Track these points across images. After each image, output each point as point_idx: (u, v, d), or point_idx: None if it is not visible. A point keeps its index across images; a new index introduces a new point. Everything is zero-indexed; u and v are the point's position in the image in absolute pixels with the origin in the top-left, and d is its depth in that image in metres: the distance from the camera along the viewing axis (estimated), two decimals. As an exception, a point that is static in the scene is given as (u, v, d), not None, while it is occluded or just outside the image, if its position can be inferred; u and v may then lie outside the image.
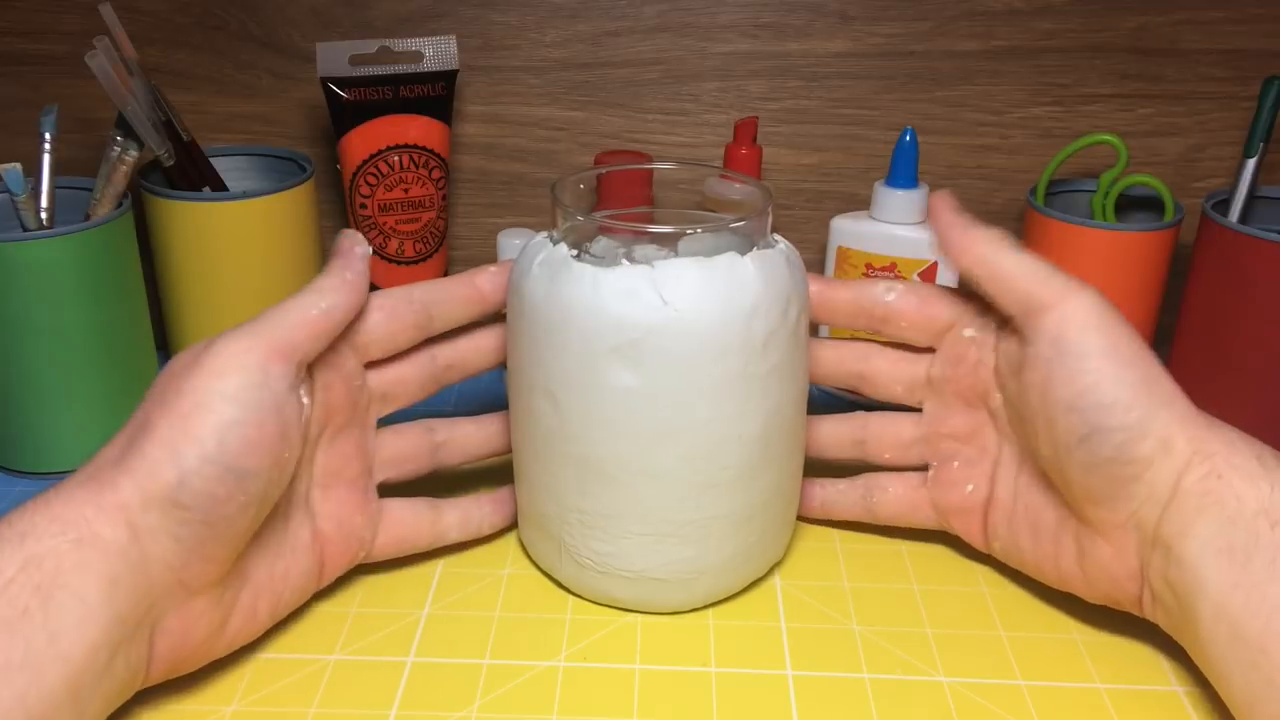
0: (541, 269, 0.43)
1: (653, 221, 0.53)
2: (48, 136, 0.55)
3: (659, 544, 0.45)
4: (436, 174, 0.63)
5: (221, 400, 0.38)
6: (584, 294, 0.41)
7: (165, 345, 0.63)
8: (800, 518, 0.51)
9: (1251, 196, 0.60)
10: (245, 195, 0.58)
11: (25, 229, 0.55)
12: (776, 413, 0.44)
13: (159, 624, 0.38)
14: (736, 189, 0.59)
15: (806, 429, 0.50)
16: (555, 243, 0.44)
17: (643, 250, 0.44)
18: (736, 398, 0.42)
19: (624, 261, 0.42)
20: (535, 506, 0.47)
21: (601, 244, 0.44)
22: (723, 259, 0.42)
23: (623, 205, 0.56)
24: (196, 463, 0.37)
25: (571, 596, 0.48)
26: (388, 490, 0.48)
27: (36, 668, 0.33)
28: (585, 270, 0.42)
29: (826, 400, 0.66)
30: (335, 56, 0.60)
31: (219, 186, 0.62)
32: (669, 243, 0.44)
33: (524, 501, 0.48)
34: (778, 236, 0.46)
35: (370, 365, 0.46)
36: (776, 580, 0.49)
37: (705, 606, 0.47)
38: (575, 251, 0.43)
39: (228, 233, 0.58)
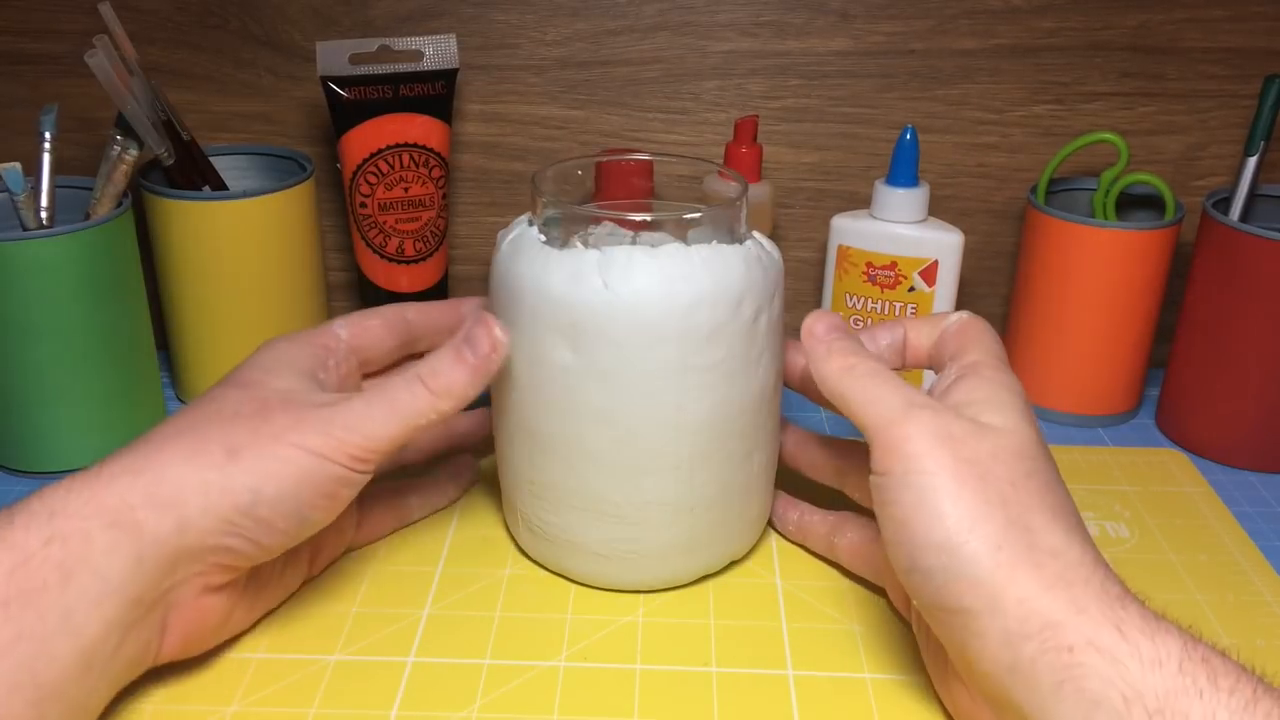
0: (509, 247, 0.45)
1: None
2: (47, 136, 0.55)
3: (598, 520, 0.45)
4: (437, 173, 0.63)
5: (312, 460, 0.40)
6: (534, 273, 0.43)
7: (165, 345, 0.63)
8: (780, 532, 0.52)
9: (1252, 195, 0.60)
10: (245, 194, 0.58)
11: (25, 228, 0.55)
12: (722, 408, 0.44)
13: (173, 609, 0.40)
14: (732, 186, 0.59)
15: (796, 444, 0.51)
16: (530, 225, 0.45)
17: (646, 237, 0.44)
18: (674, 388, 0.43)
19: (578, 245, 0.43)
20: (502, 475, 0.49)
21: (597, 232, 0.45)
22: (670, 248, 0.43)
23: (621, 198, 0.56)
24: (274, 498, 0.39)
25: (571, 597, 0.48)
26: None
27: (46, 640, 0.35)
28: (539, 251, 0.43)
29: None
30: (335, 55, 0.60)
31: (219, 186, 0.62)
32: (678, 231, 0.44)
33: (499, 470, 0.50)
34: (757, 234, 0.46)
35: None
36: (777, 580, 0.49)
37: (653, 590, 0.48)
38: (541, 234, 0.44)
39: (228, 232, 0.58)
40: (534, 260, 0.43)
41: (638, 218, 0.44)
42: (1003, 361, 0.42)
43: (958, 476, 0.36)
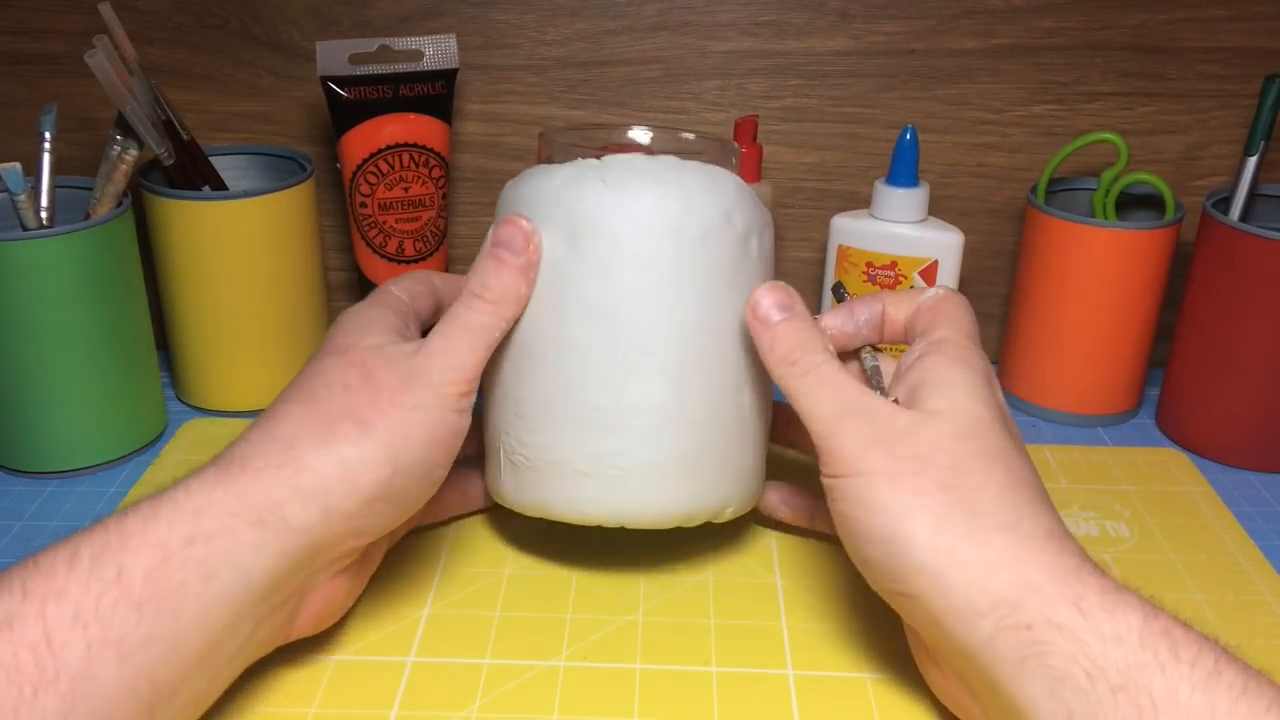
0: (512, 182, 0.47)
1: None
2: (47, 136, 0.55)
3: (582, 431, 0.45)
4: (436, 172, 0.63)
5: (432, 413, 0.41)
6: (535, 185, 0.45)
7: (165, 345, 0.63)
8: (763, 517, 0.52)
9: (1252, 195, 0.60)
10: (245, 194, 0.58)
11: (25, 228, 0.55)
12: (713, 319, 0.45)
13: (306, 594, 0.41)
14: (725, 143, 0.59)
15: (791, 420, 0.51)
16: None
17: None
18: (667, 284, 0.44)
19: (579, 158, 0.45)
20: (487, 421, 0.48)
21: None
22: (665, 158, 0.45)
23: None
24: (409, 465, 0.40)
25: (571, 597, 0.48)
26: None
27: (175, 641, 0.35)
28: (540, 169, 0.46)
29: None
30: (335, 55, 0.60)
31: (219, 186, 0.62)
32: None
33: (484, 427, 0.49)
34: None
35: None
36: (777, 580, 0.49)
37: (641, 529, 0.46)
38: (545, 163, 0.46)
39: (228, 232, 0.58)
40: (535, 176, 0.45)
41: (643, 136, 0.47)
42: (970, 338, 0.42)
43: (892, 473, 0.37)
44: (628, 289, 0.44)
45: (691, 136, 0.48)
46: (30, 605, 0.33)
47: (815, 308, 0.68)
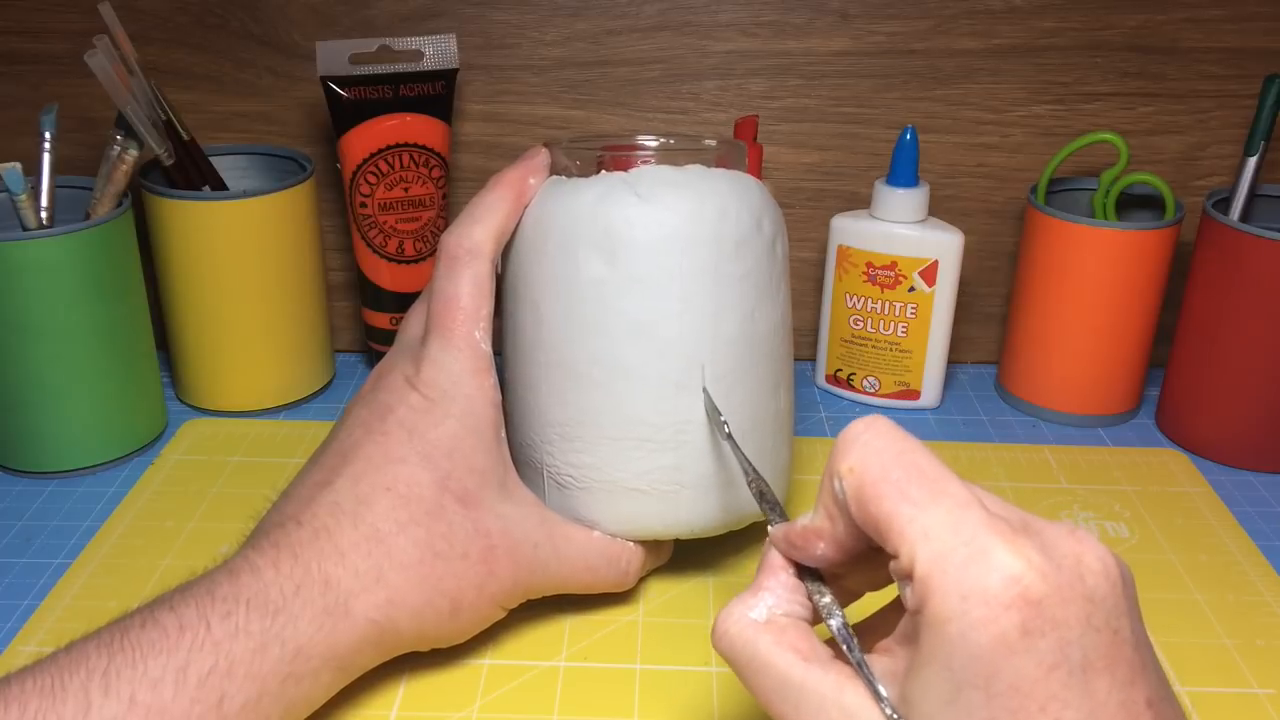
0: (536, 200, 0.46)
1: None
2: (47, 136, 0.55)
3: (636, 450, 0.44)
4: (437, 173, 0.63)
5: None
6: (563, 201, 0.44)
7: (165, 345, 0.63)
8: None
9: (1252, 195, 0.60)
10: (245, 194, 0.58)
11: (25, 228, 0.55)
12: (753, 324, 0.44)
13: None
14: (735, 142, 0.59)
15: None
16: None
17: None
18: (709, 294, 0.43)
19: (602, 172, 0.45)
20: (519, 438, 0.47)
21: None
22: (693, 167, 0.44)
23: None
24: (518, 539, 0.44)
25: (572, 596, 0.48)
26: None
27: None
28: (563, 184, 0.45)
29: (826, 399, 0.66)
30: (335, 55, 0.60)
31: (219, 186, 0.62)
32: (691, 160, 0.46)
33: (513, 446, 0.47)
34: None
35: None
36: (777, 580, 0.49)
37: (694, 537, 0.46)
38: (562, 175, 0.46)
39: (228, 232, 0.58)
40: (560, 192, 0.45)
41: (654, 142, 0.46)
42: (947, 595, 0.27)
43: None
44: (672, 302, 0.43)
45: (713, 142, 0.47)
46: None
47: (815, 305, 0.68)
